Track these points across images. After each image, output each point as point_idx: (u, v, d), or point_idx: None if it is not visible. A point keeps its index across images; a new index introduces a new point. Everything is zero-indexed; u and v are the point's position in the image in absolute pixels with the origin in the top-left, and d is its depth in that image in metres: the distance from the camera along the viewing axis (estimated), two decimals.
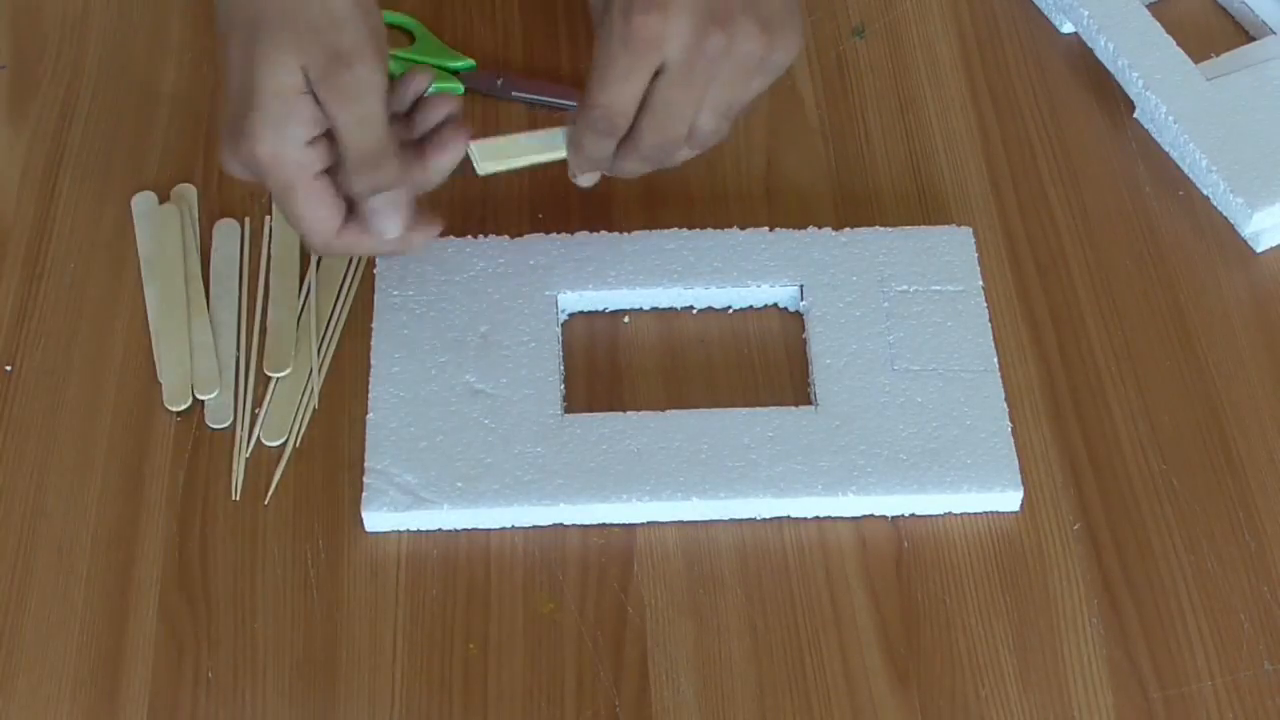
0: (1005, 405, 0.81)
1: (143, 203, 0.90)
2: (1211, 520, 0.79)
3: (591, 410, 0.82)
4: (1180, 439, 0.82)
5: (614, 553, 0.79)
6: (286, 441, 0.82)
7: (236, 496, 0.80)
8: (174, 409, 0.83)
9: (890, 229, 0.87)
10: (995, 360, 0.83)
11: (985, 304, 0.85)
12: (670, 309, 0.86)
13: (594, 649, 0.76)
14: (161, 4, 0.99)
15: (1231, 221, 0.90)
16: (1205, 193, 0.91)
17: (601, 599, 0.77)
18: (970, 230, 0.87)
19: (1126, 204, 0.91)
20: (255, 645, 0.76)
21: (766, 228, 0.87)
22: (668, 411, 0.81)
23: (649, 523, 0.79)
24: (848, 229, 0.87)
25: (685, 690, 0.75)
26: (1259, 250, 0.89)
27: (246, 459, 0.81)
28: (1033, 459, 0.81)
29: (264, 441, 0.82)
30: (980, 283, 0.86)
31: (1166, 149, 0.93)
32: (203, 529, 0.79)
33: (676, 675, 0.75)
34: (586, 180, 0.82)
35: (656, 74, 0.76)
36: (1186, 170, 0.92)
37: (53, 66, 0.97)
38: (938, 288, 0.85)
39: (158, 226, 0.89)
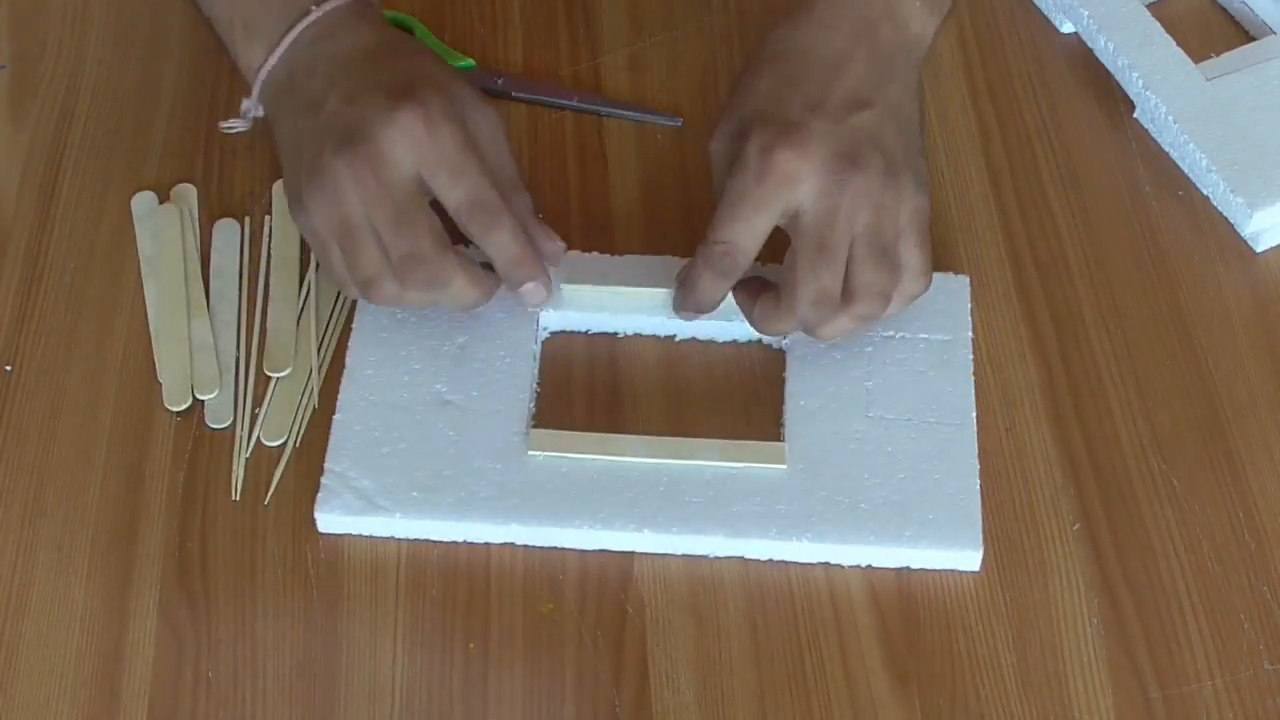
0: (976, 462, 0.79)
1: (143, 203, 0.90)
2: (1211, 520, 0.79)
3: (559, 429, 0.80)
4: (1180, 439, 0.82)
5: (613, 553, 0.78)
6: (286, 442, 0.82)
7: (236, 496, 0.80)
8: (174, 409, 0.83)
9: None
10: (973, 415, 0.81)
11: (971, 356, 0.83)
12: (653, 335, 0.85)
13: (594, 649, 0.76)
14: (161, 4, 0.99)
15: (1231, 221, 0.90)
16: (1205, 193, 0.91)
17: (601, 599, 0.77)
18: (966, 279, 0.86)
19: (1126, 204, 0.91)
20: (255, 645, 0.76)
21: (759, 262, 0.86)
22: (630, 438, 0.80)
23: (600, 550, 0.78)
24: None
25: (685, 690, 0.75)
26: (1259, 250, 0.89)
27: (246, 459, 0.81)
28: (1033, 459, 0.81)
29: (264, 441, 0.82)
30: (969, 334, 0.84)
31: (1166, 149, 0.92)
32: (203, 529, 0.79)
33: (676, 675, 0.75)
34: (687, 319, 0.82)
35: (790, 228, 0.77)
36: (1186, 170, 0.92)
37: (53, 66, 0.97)
38: (925, 335, 0.83)
39: (158, 226, 0.89)
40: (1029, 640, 0.76)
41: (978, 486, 0.79)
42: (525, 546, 0.78)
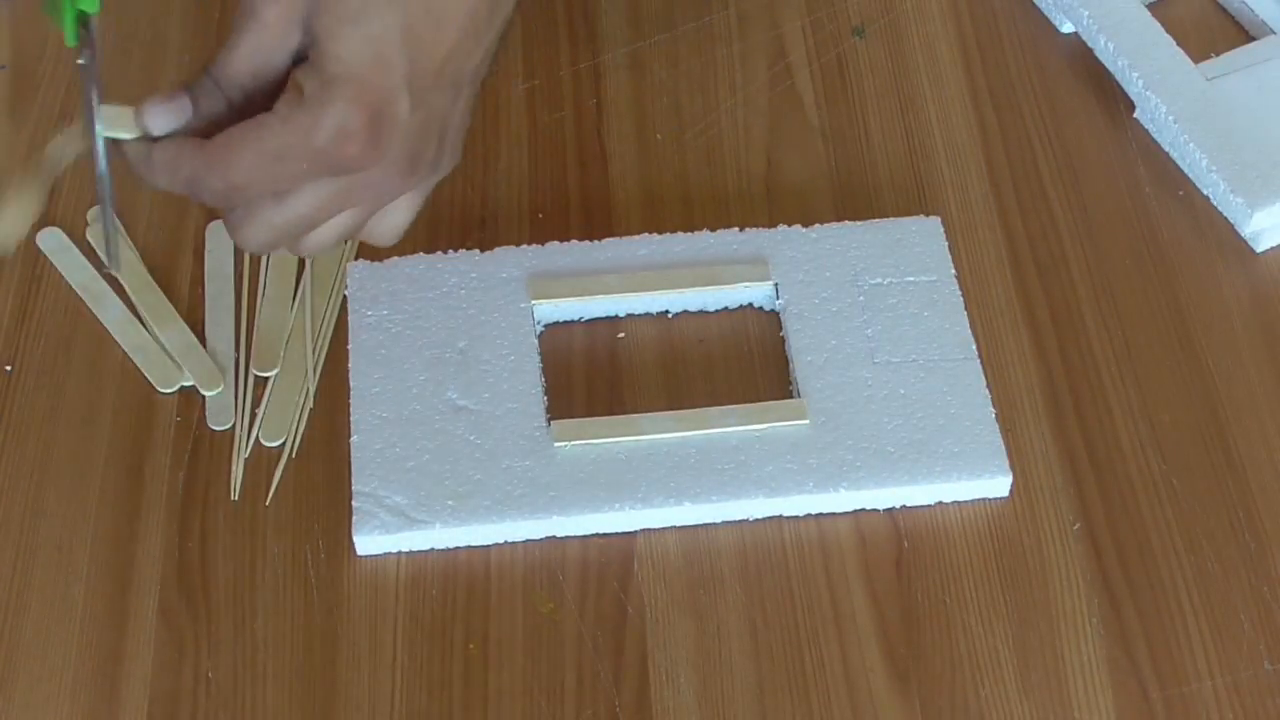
0: (988, 392, 0.81)
1: (51, 239, 0.89)
2: (1211, 520, 0.79)
3: (576, 417, 0.81)
4: (1180, 439, 0.82)
5: (614, 553, 0.79)
6: (285, 442, 0.82)
7: (236, 497, 0.80)
8: (166, 390, 0.83)
9: (859, 223, 0.87)
10: (974, 348, 0.83)
11: (960, 292, 0.85)
12: (646, 314, 0.86)
13: (594, 649, 0.76)
14: (161, 4, 1.00)
15: (1231, 221, 0.90)
16: (1205, 193, 0.91)
17: (601, 599, 0.77)
18: (939, 220, 0.87)
19: (1126, 204, 0.91)
20: (255, 645, 0.76)
21: (737, 228, 0.87)
22: (653, 416, 0.81)
23: (643, 529, 0.79)
24: (817, 225, 0.87)
25: (685, 690, 0.75)
26: (1259, 250, 0.89)
27: (246, 459, 0.81)
28: (1033, 459, 0.81)
29: (263, 441, 0.82)
30: (953, 271, 0.85)
31: (1166, 149, 0.92)
32: (203, 529, 0.79)
33: (676, 675, 0.75)
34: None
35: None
36: (1186, 170, 0.92)
37: (53, 66, 0.97)
38: (911, 279, 0.85)
39: (80, 256, 0.88)
40: (1029, 640, 0.76)
41: (994, 415, 0.80)
42: (527, 542, 0.78)
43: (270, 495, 0.80)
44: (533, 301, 0.84)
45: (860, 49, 0.98)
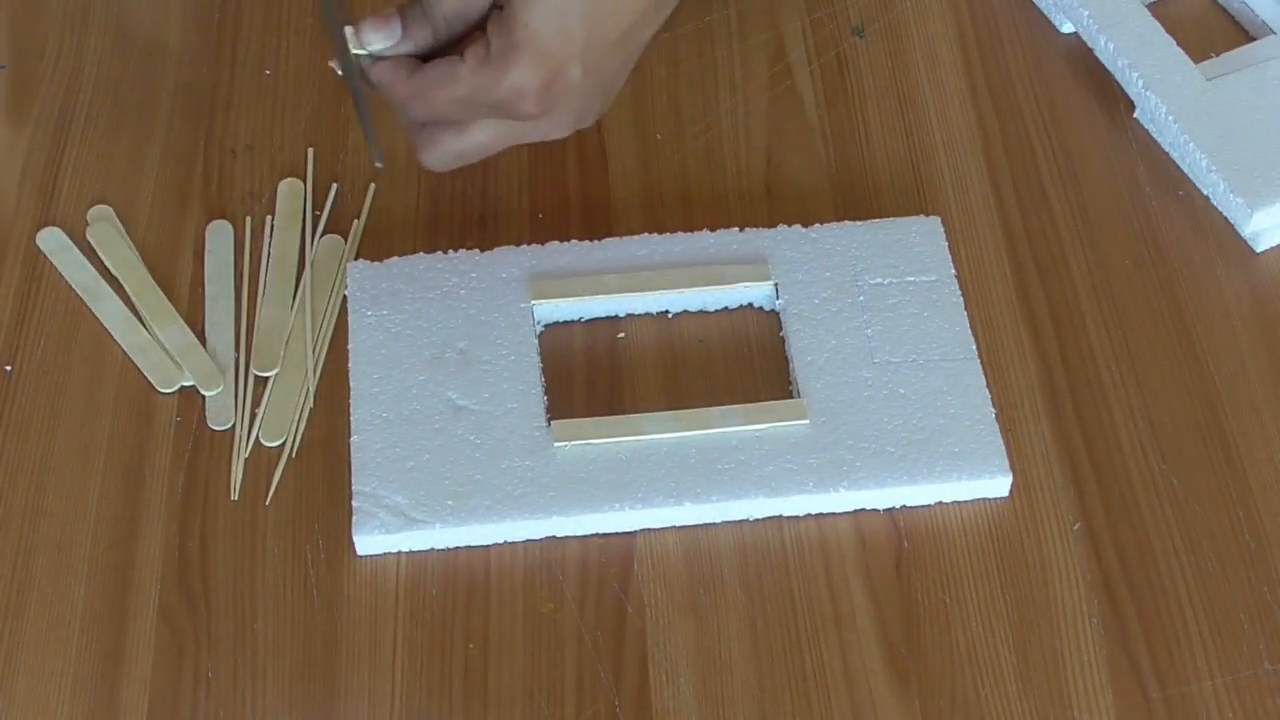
0: (988, 392, 0.81)
1: (50, 239, 0.89)
2: (1211, 520, 0.79)
3: (576, 417, 0.81)
4: (1180, 439, 0.82)
5: (614, 553, 0.79)
6: (285, 442, 0.82)
7: (236, 497, 0.80)
8: (166, 390, 0.83)
9: (859, 223, 0.87)
10: (974, 348, 0.83)
11: (960, 292, 0.85)
12: (646, 314, 0.86)
13: (594, 649, 0.76)
14: (161, 4, 1.00)
15: (1231, 221, 0.90)
16: (1205, 193, 0.91)
17: (601, 599, 0.77)
18: (939, 220, 0.88)
19: (1126, 204, 0.91)
20: (255, 645, 0.76)
21: (737, 228, 0.87)
22: (653, 416, 0.81)
23: (643, 529, 0.79)
24: (817, 225, 0.87)
25: (685, 690, 0.75)
26: (1259, 250, 0.89)
27: (246, 459, 0.81)
28: (1033, 459, 0.81)
29: (263, 441, 0.82)
30: (953, 271, 0.86)
31: (1166, 149, 0.92)
32: (203, 529, 0.79)
33: (676, 675, 0.75)
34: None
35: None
36: (1186, 170, 0.92)
37: (53, 66, 0.97)
38: (911, 279, 0.85)
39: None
40: (1029, 640, 0.76)
41: (994, 415, 0.80)
42: (527, 541, 0.78)
43: (270, 495, 0.80)
44: (533, 301, 0.84)
45: (860, 49, 0.98)
